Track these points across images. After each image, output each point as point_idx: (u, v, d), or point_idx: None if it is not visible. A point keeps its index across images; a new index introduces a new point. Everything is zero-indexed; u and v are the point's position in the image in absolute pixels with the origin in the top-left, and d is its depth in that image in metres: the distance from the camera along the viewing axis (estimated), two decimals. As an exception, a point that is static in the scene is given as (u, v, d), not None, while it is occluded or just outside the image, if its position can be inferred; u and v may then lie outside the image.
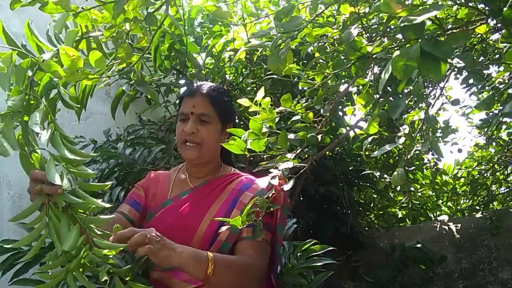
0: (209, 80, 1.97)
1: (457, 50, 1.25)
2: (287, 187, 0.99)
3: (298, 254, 1.41)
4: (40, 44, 0.88)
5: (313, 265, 1.38)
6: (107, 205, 0.92)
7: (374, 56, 0.87)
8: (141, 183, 1.35)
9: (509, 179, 3.42)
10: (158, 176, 1.36)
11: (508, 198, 3.55)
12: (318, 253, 1.41)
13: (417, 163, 3.22)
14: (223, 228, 1.03)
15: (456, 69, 1.97)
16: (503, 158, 3.17)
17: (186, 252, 1.00)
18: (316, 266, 1.38)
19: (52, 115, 0.89)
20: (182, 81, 2.16)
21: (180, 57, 1.79)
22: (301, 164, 1.02)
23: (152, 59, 1.58)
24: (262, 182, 1.23)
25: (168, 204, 1.25)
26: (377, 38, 0.94)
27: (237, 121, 1.42)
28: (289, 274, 1.37)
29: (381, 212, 3.35)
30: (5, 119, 0.83)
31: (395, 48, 0.84)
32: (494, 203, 3.44)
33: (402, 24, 0.63)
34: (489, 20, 0.90)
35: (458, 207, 3.83)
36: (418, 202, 3.43)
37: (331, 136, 2.25)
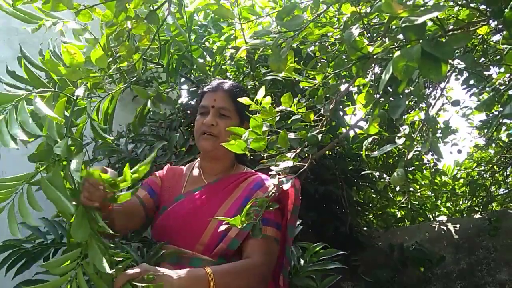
0: (212, 78, 1.97)
1: (458, 51, 1.25)
2: (286, 186, 0.99)
3: (309, 257, 1.43)
4: (63, 72, 0.88)
5: (323, 268, 1.40)
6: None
7: (375, 56, 0.88)
8: (159, 172, 1.37)
9: (508, 180, 3.42)
10: (174, 171, 1.38)
11: (507, 199, 3.55)
12: (327, 257, 1.43)
13: (417, 163, 3.22)
14: (229, 227, 1.03)
15: (456, 70, 1.97)
16: (502, 159, 3.17)
17: (184, 275, 1.01)
18: (326, 269, 1.40)
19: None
20: (184, 87, 2.18)
21: (186, 63, 1.81)
22: (301, 163, 1.03)
23: (165, 70, 1.61)
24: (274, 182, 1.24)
25: (181, 199, 1.27)
26: (378, 38, 0.94)
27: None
28: (298, 276, 1.39)
29: (380, 212, 3.36)
30: (54, 169, 0.81)
31: (396, 49, 0.84)
32: (493, 204, 3.45)
33: (403, 25, 0.64)
34: (490, 21, 0.90)
35: (457, 208, 3.83)
36: (417, 203, 3.43)
37: (331, 136, 2.25)
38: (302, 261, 1.43)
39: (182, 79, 2.12)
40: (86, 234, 0.85)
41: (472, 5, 0.92)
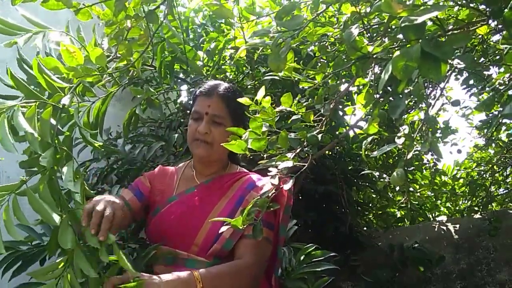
0: (209, 78, 1.97)
1: (458, 51, 1.25)
2: (287, 186, 0.99)
3: (301, 258, 1.42)
4: (51, 81, 0.88)
5: (314, 270, 1.38)
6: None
7: (374, 56, 0.87)
8: (149, 174, 1.36)
9: (508, 180, 3.42)
10: (165, 171, 1.37)
11: (506, 199, 3.55)
12: (320, 258, 1.42)
13: (417, 163, 3.22)
14: (224, 228, 1.03)
15: (456, 70, 1.97)
16: (502, 159, 3.17)
17: (170, 280, 1.00)
18: (317, 271, 1.38)
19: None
20: (184, 87, 2.18)
21: (181, 65, 1.80)
22: (300, 163, 1.03)
23: (158, 72, 1.60)
24: (267, 181, 1.24)
25: (174, 200, 1.26)
26: (378, 38, 0.94)
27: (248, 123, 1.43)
28: (290, 279, 1.37)
29: (380, 212, 3.35)
30: (41, 178, 0.81)
31: (396, 48, 0.84)
32: (493, 204, 3.44)
33: (403, 24, 0.63)
34: (490, 21, 0.90)
35: (457, 208, 3.83)
36: (417, 203, 3.43)
37: (331, 136, 2.25)
38: (294, 262, 1.42)
39: (179, 80, 2.12)
40: (73, 241, 0.85)
41: (472, 5, 0.92)
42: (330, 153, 2.69)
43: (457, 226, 2.95)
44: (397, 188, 3.09)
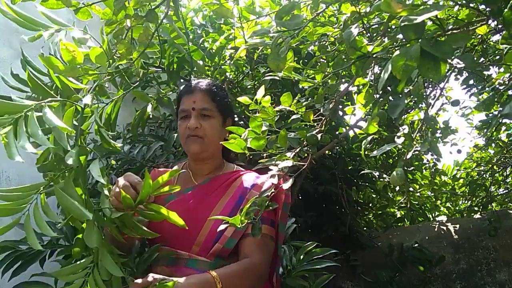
0: (209, 78, 1.97)
1: (458, 50, 1.25)
2: (286, 185, 0.99)
3: (301, 256, 1.42)
4: (66, 81, 0.88)
5: (314, 268, 1.39)
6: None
7: (374, 55, 0.88)
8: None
9: (508, 180, 3.42)
10: (161, 173, 1.36)
11: (506, 199, 3.55)
12: (320, 256, 1.42)
13: (416, 163, 3.22)
14: (225, 226, 1.04)
15: (456, 69, 1.97)
16: (502, 159, 3.17)
17: (191, 281, 1.01)
18: (318, 269, 1.39)
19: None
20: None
21: (186, 65, 1.81)
22: (300, 163, 1.03)
23: (167, 76, 1.61)
24: (267, 178, 1.24)
25: (173, 199, 1.26)
26: (378, 38, 0.94)
27: (235, 116, 1.42)
28: (291, 277, 1.38)
29: (380, 212, 3.35)
30: (66, 178, 0.82)
31: (396, 48, 0.84)
32: (493, 204, 3.44)
33: (402, 24, 0.63)
34: (490, 21, 0.90)
35: (457, 208, 3.83)
36: (416, 203, 3.43)
37: (331, 136, 2.25)
38: (295, 260, 1.42)
39: (181, 80, 2.12)
40: (99, 240, 0.85)
41: (471, 5, 0.92)
42: (330, 153, 2.69)
43: (457, 226, 2.95)
44: (397, 188, 3.09)
